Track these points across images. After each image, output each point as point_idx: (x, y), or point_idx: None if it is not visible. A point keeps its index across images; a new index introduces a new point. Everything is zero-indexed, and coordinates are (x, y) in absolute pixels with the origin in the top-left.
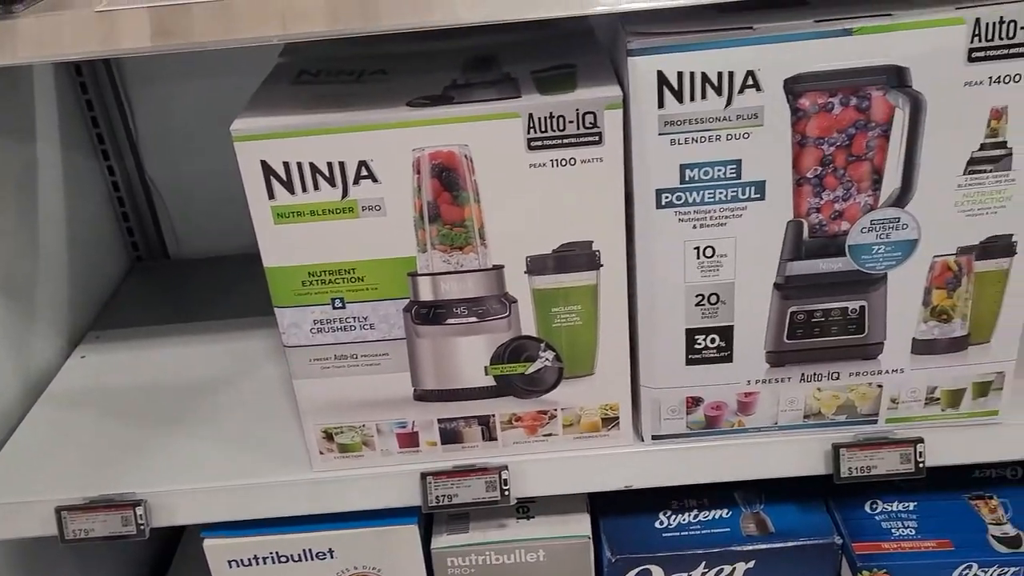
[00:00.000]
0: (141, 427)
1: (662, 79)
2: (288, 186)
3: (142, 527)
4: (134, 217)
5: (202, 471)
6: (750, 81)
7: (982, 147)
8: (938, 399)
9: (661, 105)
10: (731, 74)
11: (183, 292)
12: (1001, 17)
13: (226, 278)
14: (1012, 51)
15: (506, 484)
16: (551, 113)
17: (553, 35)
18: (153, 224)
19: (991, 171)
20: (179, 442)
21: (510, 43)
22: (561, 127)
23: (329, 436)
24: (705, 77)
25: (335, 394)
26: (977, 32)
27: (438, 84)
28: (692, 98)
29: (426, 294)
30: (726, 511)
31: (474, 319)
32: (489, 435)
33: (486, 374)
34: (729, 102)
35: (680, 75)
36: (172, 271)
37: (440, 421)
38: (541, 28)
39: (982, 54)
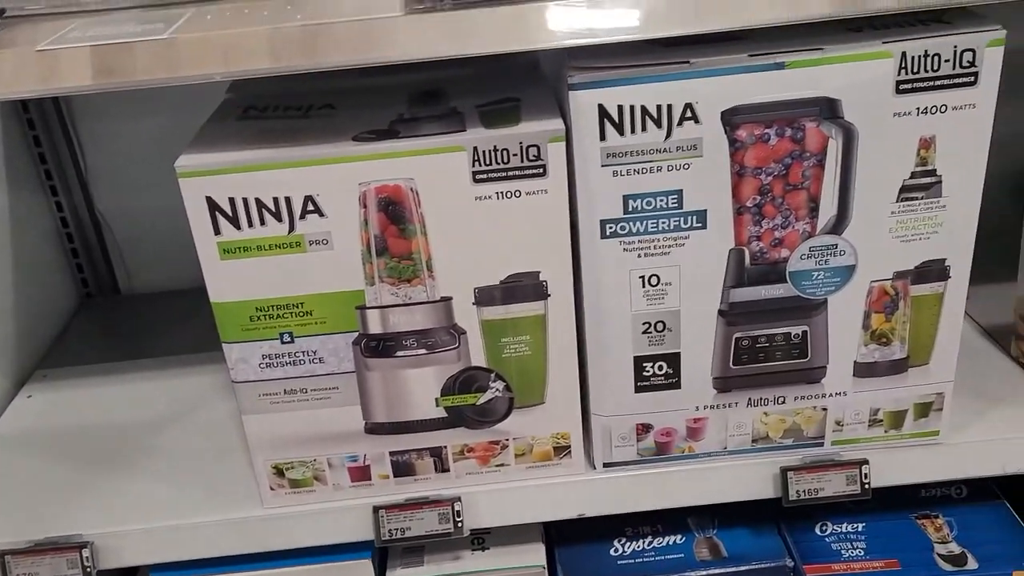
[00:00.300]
0: (88, 467)
1: (603, 112)
2: (234, 221)
3: (89, 570)
4: (83, 253)
5: (150, 511)
6: (688, 113)
7: (913, 175)
8: (881, 421)
9: (603, 138)
10: (670, 107)
11: (134, 328)
12: (926, 51)
13: (177, 313)
14: (937, 83)
15: (459, 515)
16: (495, 146)
17: (499, 68)
18: (103, 259)
19: (922, 198)
20: (127, 482)
21: (457, 77)
22: (505, 160)
23: (280, 472)
24: (645, 110)
25: (285, 429)
26: (904, 65)
27: (385, 118)
28: (633, 130)
29: (375, 327)
30: (680, 537)
31: (423, 351)
32: (441, 466)
33: (437, 405)
34: (669, 134)
35: (620, 108)
36: (123, 307)
37: (392, 454)
38: (487, 62)
39: (909, 86)
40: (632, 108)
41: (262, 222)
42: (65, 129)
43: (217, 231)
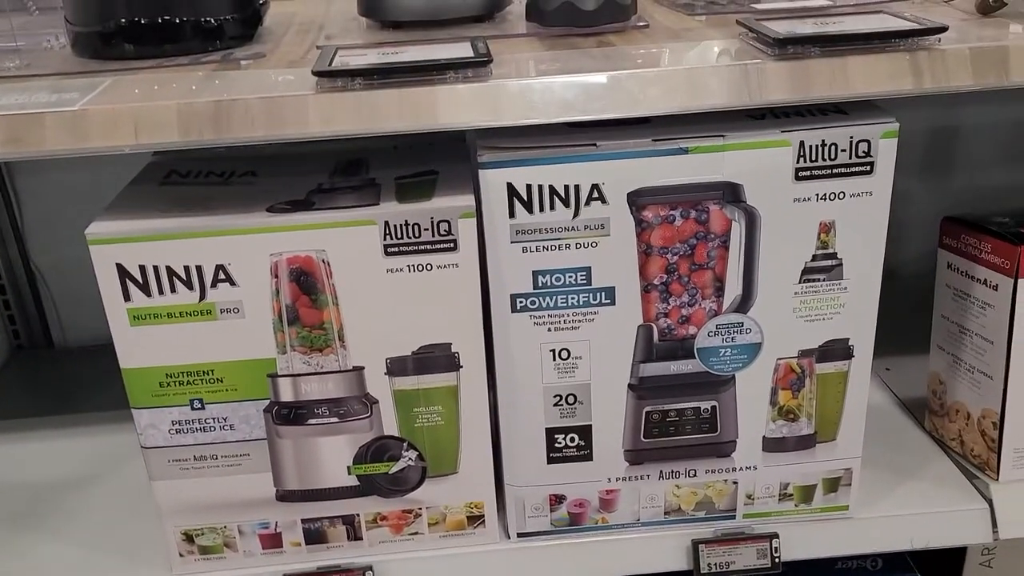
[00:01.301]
0: None
1: (512, 190)
2: (144, 288)
3: None
4: (16, 304)
5: (58, 574)
6: (596, 194)
7: (814, 258)
8: (791, 495)
9: (512, 215)
10: (577, 187)
11: (64, 382)
12: (823, 140)
13: (110, 367)
14: (835, 171)
15: None
16: (407, 221)
17: (424, 139)
18: (37, 312)
19: (824, 280)
20: (36, 544)
21: (383, 146)
22: (417, 234)
23: (189, 538)
24: (553, 189)
25: (195, 495)
26: (802, 153)
27: (303, 188)
28: (541, 209)
29: (287, 395)
30: None
31: (335, 419)
32: (354, 534)
33: (349, 474)
34: (577, 213)
35: (529, 187)
36: (55, 360)
37: (304, 521)
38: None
39: (808, 173)
40: (540, 187)
41: (173, 290)
42: (1, 181)
43: (127, 297)
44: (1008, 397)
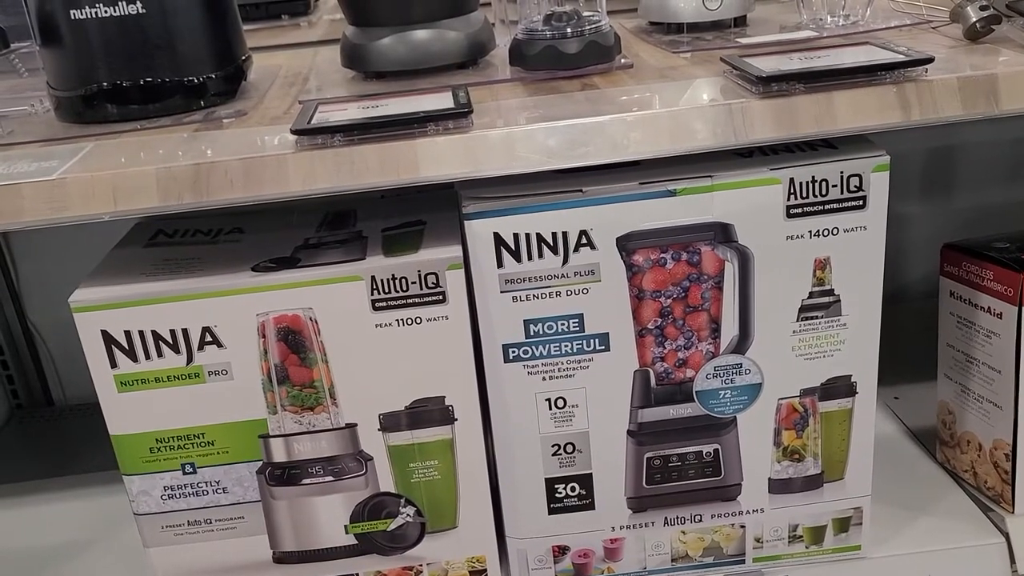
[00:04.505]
0: None
1: (499, 240)
2: (130, 354)
3: None
4: (14, 364)
5: None
6: (584, 240)
7: (811, 295)
8: (801, 536)
9: (500, 265)
10: (565, 234)
11: (64, 441)
12: (813, 176)
13: None
14: (827, 207)
15: None
16: (393, 275)
17: (412, 189)
18: (36, 371)
19: (823, 317)
20: None
21: (370, 197)
22: (404, 288)
23: None
24: (540, 237)
25: (191, 561)
26: (792, 190)
27: (289, 244)
28: (530, 257)
29: (279, 455)
30: None
31: (330, 478)
32: None
33: (346, 533)
34: (566, 260)
35: (516, 236)
36: (54, 419)
37: None
38: None
39: (799, 210)
40: (528, 236)
41: (159, 354)
42: None
43: (114, 364)
44: (1019, 427)
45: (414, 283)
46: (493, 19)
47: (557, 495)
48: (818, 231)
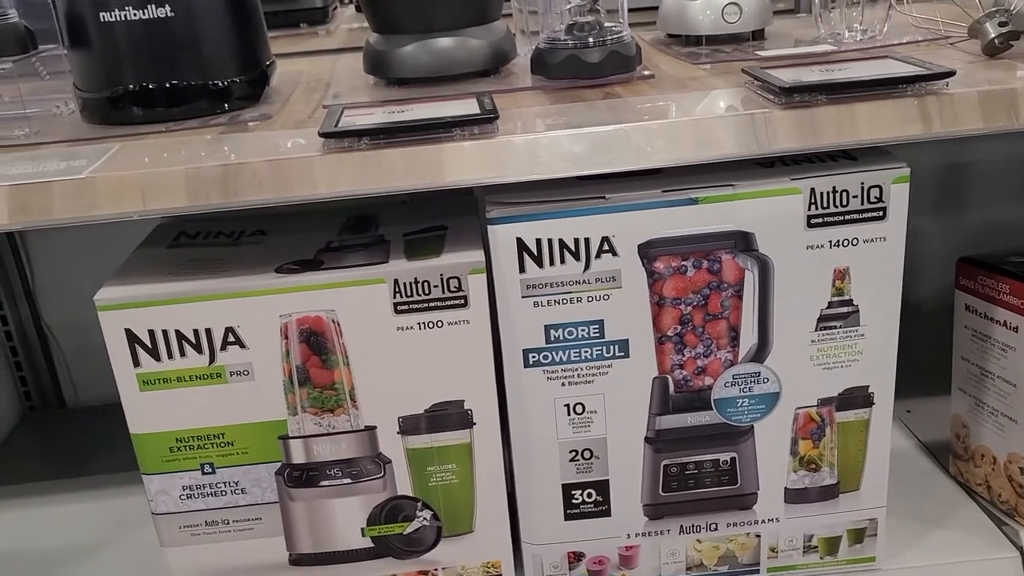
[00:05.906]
0: None
1: (521, 245)
2: (153, 353)
3: None
4: (28, 365)
5: None
6: (606, 246)
7: (830, 305)
8: (816, 547)
9: (522, 270)
10: (587, 240)
11: (77, 442)
12: (834, 187)
13: (124, 426)
14: (847, 218)
15: None
16: (416, 278)
17: (433, 194)
18: (49, 372)
19: (841, 327)
20: None
21: (390, 201)
22: (427, 291)
23: None
24: (563, 243)
25: (208, 561)
26: (813, 201)
27: (312, 247)
28: (552, 263)
29: (298, 457)
30: None
31: (348, 480)
32: None
33: (363, 535)
34: (587, 266)
35: (539, 241)
36: (67, 420)
37: None
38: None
39: (820, 220)
40: (550, 241)
41: (182, 353)
42: (12, 242)
43: (136, 363)
44: None
45: (436, 287)
46: (514, 30)
47: (574, 501)
48: (838, 241)
